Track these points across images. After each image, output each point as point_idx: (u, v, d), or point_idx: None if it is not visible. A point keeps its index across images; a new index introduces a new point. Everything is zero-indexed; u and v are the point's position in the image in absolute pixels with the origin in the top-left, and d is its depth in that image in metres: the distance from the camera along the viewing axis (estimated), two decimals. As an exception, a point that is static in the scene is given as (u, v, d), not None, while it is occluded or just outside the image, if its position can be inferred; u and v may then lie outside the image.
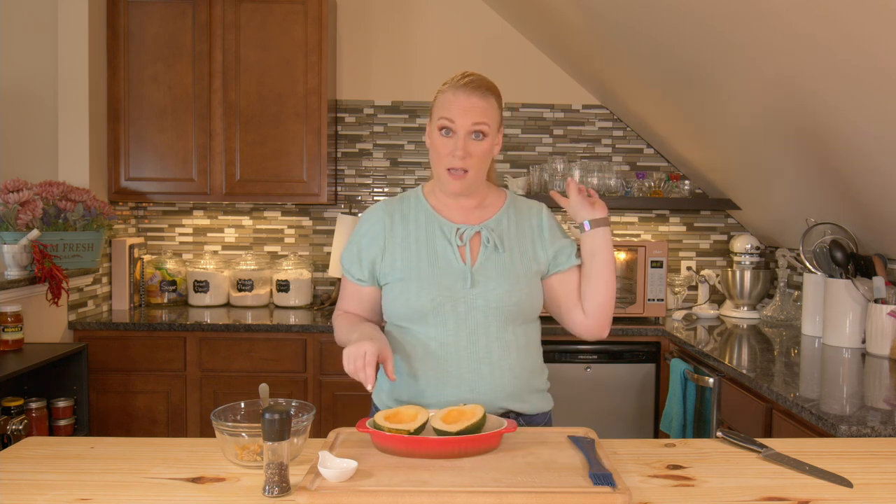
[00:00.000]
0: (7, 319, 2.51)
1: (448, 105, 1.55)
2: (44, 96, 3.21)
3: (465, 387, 1.55)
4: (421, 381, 1.58)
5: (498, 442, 1.36)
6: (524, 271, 1.61)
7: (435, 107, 1.59)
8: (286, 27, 3.34)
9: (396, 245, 1.61)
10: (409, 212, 1.65)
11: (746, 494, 1.19)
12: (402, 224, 1.63)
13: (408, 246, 1.60)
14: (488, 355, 1.56)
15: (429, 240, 1.61)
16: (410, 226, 1.63)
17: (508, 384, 1.58)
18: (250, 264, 3.63)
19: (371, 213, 1.67)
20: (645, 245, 3.22)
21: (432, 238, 1.61)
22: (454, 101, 1.54)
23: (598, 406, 3.10)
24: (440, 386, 1.56)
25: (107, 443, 1.44)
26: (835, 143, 2.31)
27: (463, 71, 1.60)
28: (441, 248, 1.59)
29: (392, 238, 1.62)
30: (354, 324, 1.60)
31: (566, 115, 3.76)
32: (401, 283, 1.57)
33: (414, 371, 1.58)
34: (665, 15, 2.39)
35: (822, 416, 1.71)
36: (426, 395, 1.57)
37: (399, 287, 1.58)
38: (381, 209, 1.66)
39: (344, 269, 1.66)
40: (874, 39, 1.74)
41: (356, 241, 1.65)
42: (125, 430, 3.08)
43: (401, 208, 1.66)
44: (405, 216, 1.64)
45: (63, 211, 2.86)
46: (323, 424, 3.01)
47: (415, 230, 1.62)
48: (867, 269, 2.51)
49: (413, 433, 1.32)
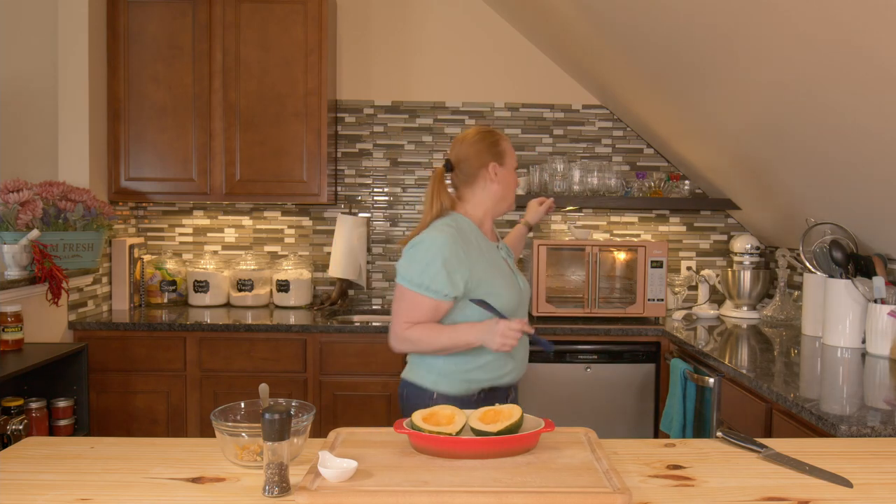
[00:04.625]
0: (7, 319, 2.51)
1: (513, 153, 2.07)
2: (44, 96, 3.21)
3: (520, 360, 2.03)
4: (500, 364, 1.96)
5: (536, 441, 1.37)
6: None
7: (507, 151, 2.03)
8: (286, 27, 3.34)
9: (475, 263, 1.92)
10: (468, 236, 1.96)
11: (746, 494, 1.19)
12: (471, 247, 1.94)
13: (483, 263, 1.94)
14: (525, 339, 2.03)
15: (492, 257, 1.99)
16: (476, 247, 1.95)
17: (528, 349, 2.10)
18: (250, 264, 3.63)
19: (444, 239, 1.89)
20: (645, 245, 3.22)
21: (491, 254, 1.99)
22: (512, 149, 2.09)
23: (598, 406, 3.10)
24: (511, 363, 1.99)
25: (107, 443, 1.44)
26: (835, 143, 2.31)
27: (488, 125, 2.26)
28: (499, 262, 2.01)
29: (469, 258, 1.90)
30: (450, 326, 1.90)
31: (566, 115, 3.76)
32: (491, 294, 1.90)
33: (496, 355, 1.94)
34: (665, 15, 2.39)
35: (822, 416, 1.71)
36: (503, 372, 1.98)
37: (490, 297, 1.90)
38: (453, 235, 1.91)
39: (429, 289, 1.87)
40: (874, 39, 1.74)
41: (440, 263, 1.86)
42: (125, 430, 3.08)
43: (462, 234, 1.94)
44: (468, 240, 1.94)
45: (63, 211, 2.86)
46: (323, 424, 3.01)
47: (477, 250, 1.95)
48: (867, 269, 2.51)
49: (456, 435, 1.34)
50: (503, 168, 2.02)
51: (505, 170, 2.02)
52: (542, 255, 3.23)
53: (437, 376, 1.94)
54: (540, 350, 2.09)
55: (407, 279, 1.89)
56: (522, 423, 1.39)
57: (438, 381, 1.94)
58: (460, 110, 3.75)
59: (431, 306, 1.88)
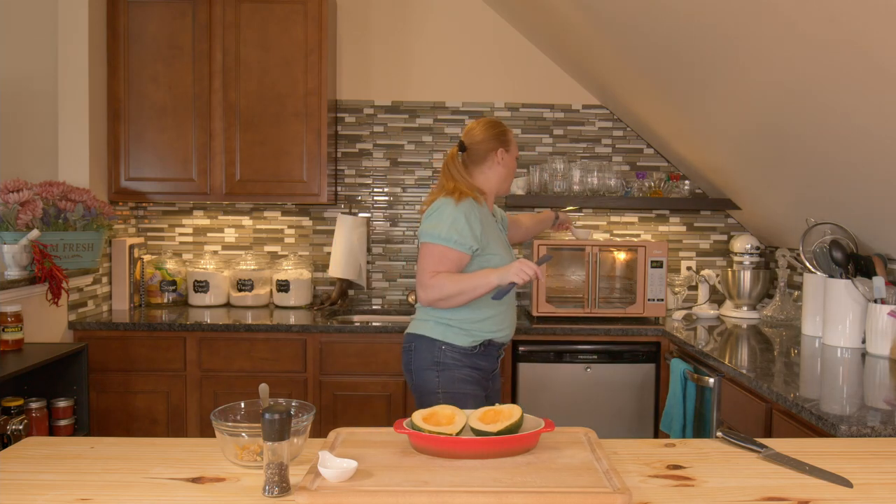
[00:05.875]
0: (7, 319, 2.51)
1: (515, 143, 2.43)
2: (44, 96, 3.21)
3: (511, 320, 2.38)
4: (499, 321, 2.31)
5: (536, 441, 1.37)
6: None
7: (511, 139, 2.39)
8: (286, 27, 3.34)
9: (486, 226, 2.28)
10: (475, 205, 2.28)
11: (746, 494, 1.19)
12: (480, 213, 2.27)
13: (487, 228, 2.29)
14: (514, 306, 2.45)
15: (491, 224, 2.34)
16: (483, 215, 2.29)
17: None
18: (250, 264, 3.63)
19: (464, 203, 2.23)
20: (645, 245, 3.22)
21: (491, 223, 2.34)
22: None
23: (598, 406, 3.10)
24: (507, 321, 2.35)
25: (107, 443, 1.44)
26: (835, 143, 2.31)
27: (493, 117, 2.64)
28: (497, 230, 2.38)
29: (481, 221, 2.25)
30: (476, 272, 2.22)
31: (566, 115, 3.76)
32: (493, 255, 2.25)
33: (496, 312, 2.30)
34: (665, 15, 2.39)
35: (822, 416, 1.71)
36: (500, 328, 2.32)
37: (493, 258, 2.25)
38: (469, 200, 2.25)
39: (453, 241, 2.19)
40: (875, 40, 1.74)
41: (463, 219, 2.20)
42: (125, 430, 3.08)
43: (470, 203, 2.26)
44: (476, 207, 2.27)
45: (63, 211, 2.86)
46: (323, 424, 3.01)
47: (483, 217, 2.28)
48: (867, 269, 2.51)
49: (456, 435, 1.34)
50: (508, 154, 2.38)
51: (509, 156, 2.39)
52: (543, 254, 3.22)
53: (445, 328, 2.25)
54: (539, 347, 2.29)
55: (434, 235, 2.20)
56: (522, 423, 1.39)
57: (446, 333, 2.25)
58: (460, 110, 3.75)
59: (457, 258, 2.20)
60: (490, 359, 2.34)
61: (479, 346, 2.28)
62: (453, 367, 2.25)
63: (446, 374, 2.25)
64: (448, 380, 2.23)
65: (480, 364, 2.30)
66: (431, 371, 2.26)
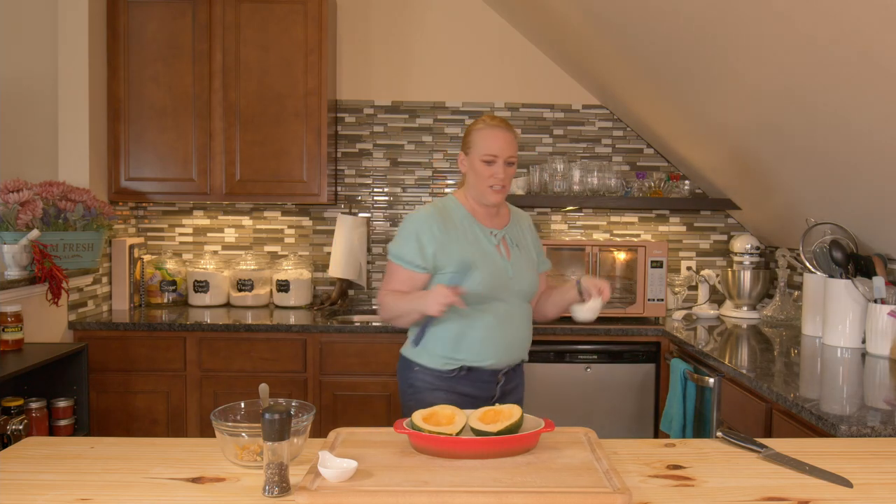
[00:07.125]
0: (7, 319, 2.51)
1: (489, 142, 2.04)
2: (44, 96, 3.21)
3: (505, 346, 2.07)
4: (478, 346, 2.03)
5: (536, 441, 1.37)
6: (533, 265, 2.16)
7: (474, 141, 2.06)
8: (286, 27, 3.34)
9: (451, 240, 2.03)
10: (451, 215, 2.08)
11: (746, 494, 1.19)
12: (450, 225, 2.05)
13: (461, 241, 2.03)
14: (521, 324, 2.10)
15: (475, 237, 2.06)
16: (457, 227, 2.06)
17: (525, 341, 2.14)
18: (250, 264, 3.63)
19: (423, 214, 2.06)
20: (645, 245, 3.22)
21: (475, 235, 2.06)
22: (493, 138, 2.04)
23: (598, 406, 3.10)
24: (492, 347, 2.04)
25: (107, 443, 1.44)
26: (835, 143, 2.31)
27: (487, 115, 2.21)
28: (485, 244, 2.06)
29: (446, 235, 2.02)
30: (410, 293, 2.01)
31: (566, 115, 3.76)
32: (459, 274, 1.95)
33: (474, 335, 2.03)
34: (665, 15, 2.39)
35: (822, 416, 1.71)
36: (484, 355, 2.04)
37: (458, 276, 1.94)
38: (431, 212, 2.06)
39: (403, 259, 2.03)
40: (875, 40, 1.74)
41: (413, 237, 2.02)
42: (125, 430, 3.08)
43: (443, 213, 2.07)
44: (450, 218, 2.06)
45: (63, 211, 2.86)
46: (323, 424, 3.01)
47: (462, 231, 2.06)
48: (867, 269, 2.51)
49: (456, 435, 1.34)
50: (467, 157, 2.10)
51: (469, 159, 2.10)
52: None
53: (421, 348, 2.08)
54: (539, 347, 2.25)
55: (391, 251, 2.08)
56: (522, 423, 1.39)
57: (421, 353, 2.09)
58: (460, 110, 3.75)
59: (406, 276, 2.05)
60: (480, 385, 2.07)
61: (459, 370, 2.05)
62: (424, 390, 2.07)
63: (417, 397, 2.07)
64: (419, 404, 1.94)
65: (465, 390, 2.06)
66: (406, 394, 2.13)
